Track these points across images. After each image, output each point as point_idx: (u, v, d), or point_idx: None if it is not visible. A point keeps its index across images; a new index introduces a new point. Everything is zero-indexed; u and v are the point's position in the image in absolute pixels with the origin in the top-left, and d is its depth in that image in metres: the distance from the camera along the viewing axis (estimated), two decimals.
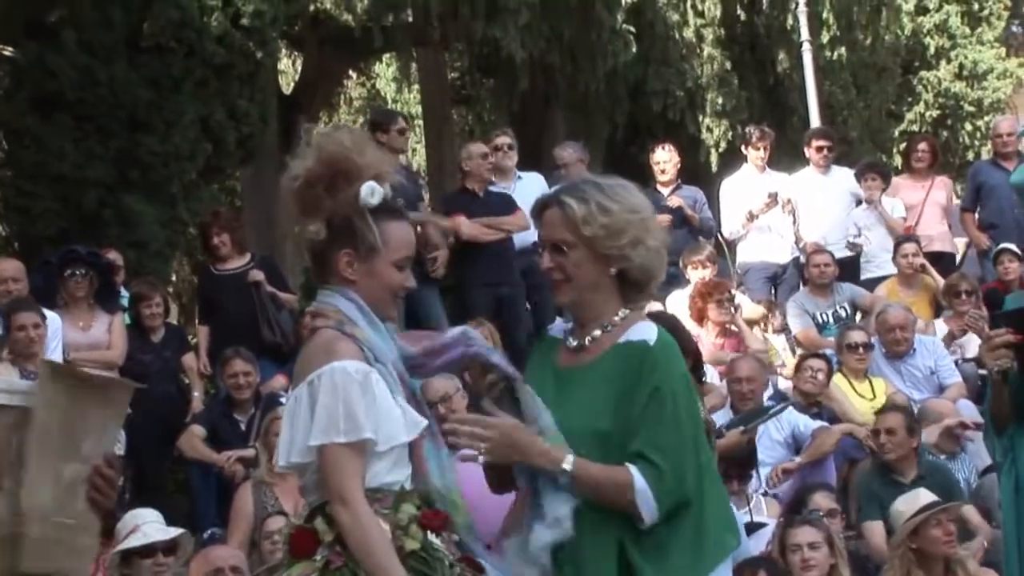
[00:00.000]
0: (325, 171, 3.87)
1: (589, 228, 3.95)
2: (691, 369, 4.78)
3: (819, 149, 12.69)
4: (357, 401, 3.70)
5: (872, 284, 11.94)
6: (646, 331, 4.01)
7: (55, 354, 9.05)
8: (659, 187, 12.32)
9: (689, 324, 10.73)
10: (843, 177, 12.71)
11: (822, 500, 7.74)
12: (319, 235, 3.89)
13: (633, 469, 3.82)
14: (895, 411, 8.58)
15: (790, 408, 9.15)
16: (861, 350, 10.08)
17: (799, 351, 11.00)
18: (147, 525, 6.55)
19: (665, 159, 12.38)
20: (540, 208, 4.09)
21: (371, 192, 3.83)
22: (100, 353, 9.65)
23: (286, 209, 4.02)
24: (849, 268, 12.18)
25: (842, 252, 12.14)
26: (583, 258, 3.98)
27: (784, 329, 11.71)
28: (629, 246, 3.98)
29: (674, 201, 12.06)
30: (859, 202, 12.45)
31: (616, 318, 4.02)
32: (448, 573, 3.75)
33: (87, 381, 3.56)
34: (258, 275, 10.46)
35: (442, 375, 8.65)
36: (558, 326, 4.31)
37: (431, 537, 3.75)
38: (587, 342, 4.03)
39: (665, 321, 5.11)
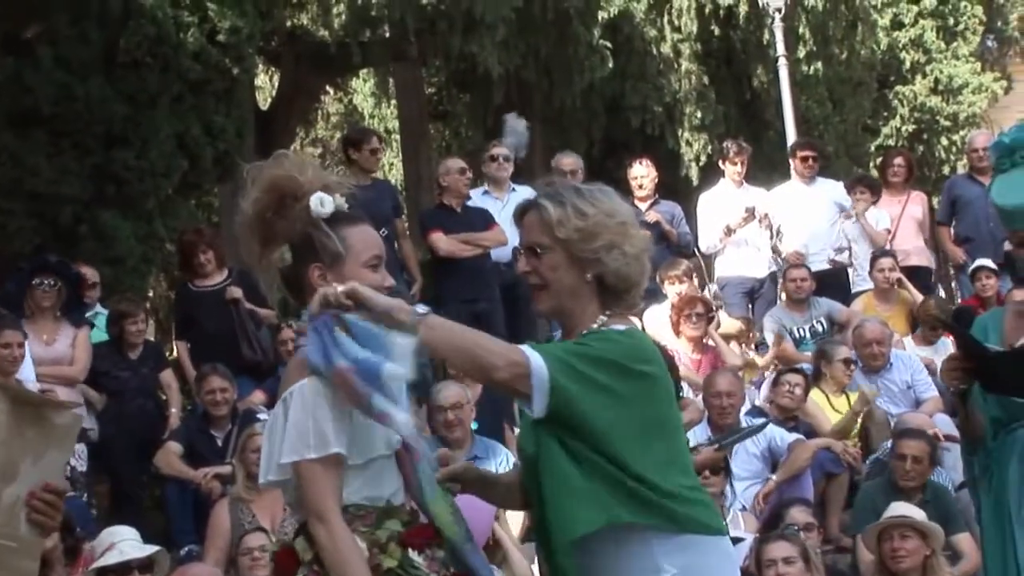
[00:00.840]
0: (271, 197, 3.87)
1: (563, 230, 3.95)
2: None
3: (804, 160, 12.76)
4: (326, 416, 3.67)
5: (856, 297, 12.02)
6: (620, 327, 4.01)
7: (26, 368, 9.01)
8: (636, 202, 12.32)
9: (668, 339, 10.78)
10: (827, 188, 12.76)
11: (798, 515, 7.76)
12: (285, 259, 3.91)
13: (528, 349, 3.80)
14: (921, 439, 8.51)
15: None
16: (848, 366, 10.09)
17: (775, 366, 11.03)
18: (123, 542, 6.53)
19: (643, 174, 12.38)
20: (520, 213, 4.10)
21: (320, 202, 3.83)
22: (61, 369, 9.57)
23: (247, 249, 3.96)
24: (833, 281, 12.24)
25: (824, 264, 12.22)
26: (559, 262, 3.97)
27: (760, 344, 11.74)
28: (604, 250, 3.96)
29: (651, 216, 12.06)
30: (844, 211, 12.47)
31: (594, 325, 3.98)
32: None
33: (29, 403, 3.54)
34: (236, 292, 10.44)
35: (456, 383, 8.68)
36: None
37: (412, 555, 3.72)
38: None
39: None
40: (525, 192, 11.61)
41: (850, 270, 12.43)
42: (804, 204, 12.53)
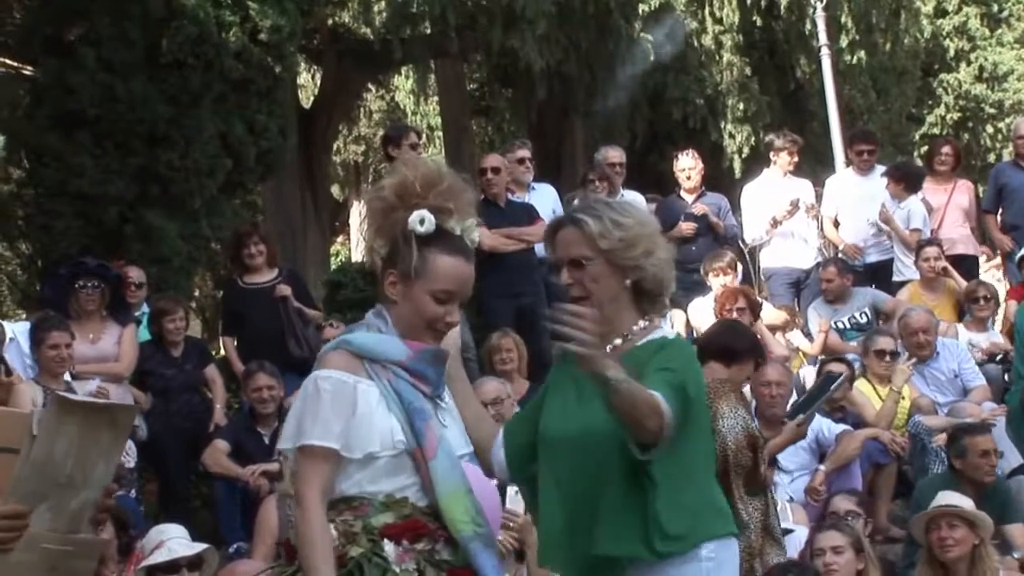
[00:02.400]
0: (391, 194, 4.00)
1: (606, 241, 4.19)
2: None
3: (859, 153, 12.80)
4: (316, 409, 3.82)
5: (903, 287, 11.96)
6: (665, 333, 4.33)
7: None
8: (683, 194, 12.32)
9: None
10: (883, 179, 12.68)
11: (841, 503, 7.72)
12: (381, 252, 4.02)
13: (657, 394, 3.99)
14: (989, 432, 8.46)
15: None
16: (888, 357, 10.03)
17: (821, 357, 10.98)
18: (172, 540, 6.56)
19: (690, 165, 12.36)
20: (553, 230, 4.31)
21: (420, 220, 3.91)
22: (107, 365, 9.60)
23: (368, 229, 4.14)
24: (885, 270, 12.21)
25: (879, 255, 12.19)
26: (601, 272, 4.19)
27: (807, 334, 11.70)
28: (643, 256, 4.24)
29: (699, 208, 12.05)
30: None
31: (635, 327, 4.25)
32: None
33: (96, 411, 3.60)
34: (286, 290, 10.50)
35: (495, 379, 8.71)
36: None
37: (385, 544, 3.79)
38: (608, 350, 4.10)
39: None
40: (544, 190, 11.68)
41: (895, 260, 12.35)
42: (859, 195, 12.49)
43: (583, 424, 4.10)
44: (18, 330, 9.31)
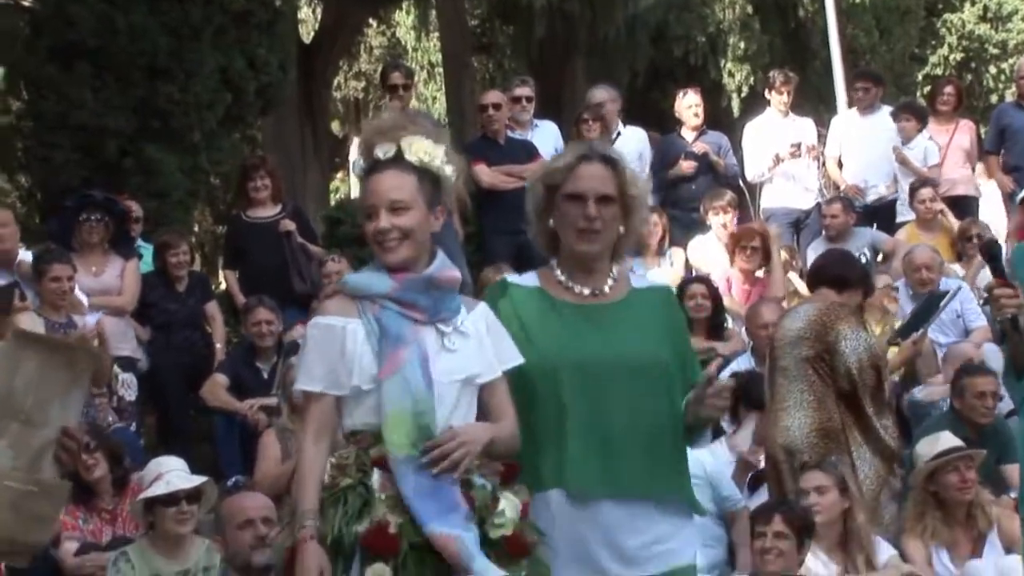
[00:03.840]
0: (363, 160, 4.17)
1: (634, 188, 4.34)
2: None
3: (859, 90, 12.83)
4: (303, 355, 4.09)
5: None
6: (657, 279, 4.76)
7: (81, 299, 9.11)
8: (684, 132, 12.29)
9: (716, 268, 10.78)
10: (887, 118, 12.66)
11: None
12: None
13: None
14: (990, 375, 8.35)
15: None
16: (891, 293, 10.10)
17: None
18: (170, 473, 6.57)
19: (696, 102, 12.34)
20: (578, 159, 4.32)
21: (354, 167, 4.19)
22: (109, 299, 9.63)
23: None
24: (885, 210, 12.25)
25: (882, 193, 12.19)
26: (616, 214, 4.29)
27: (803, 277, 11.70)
28: (646, 210, 4.57)
29: (700, 147, 12.04)
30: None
31: (615, 270, 4.38)
32: (355, 508, 3.86)
33: (56, 348, 3.63)
34: (290, 225, 10.53)
35: None
36: (515, 276, 4.50)
37: (374, 473, 3.90)
38: (606, 288, 4.33)
39: None
40: (546, 127, 11.68)
41: (897, 201, 12.34)
42: (862, 134, 12.48)
43: (611, 350, 4.21)
44: None
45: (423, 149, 4.07)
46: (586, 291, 4.30)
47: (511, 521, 3.96)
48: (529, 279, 4.39)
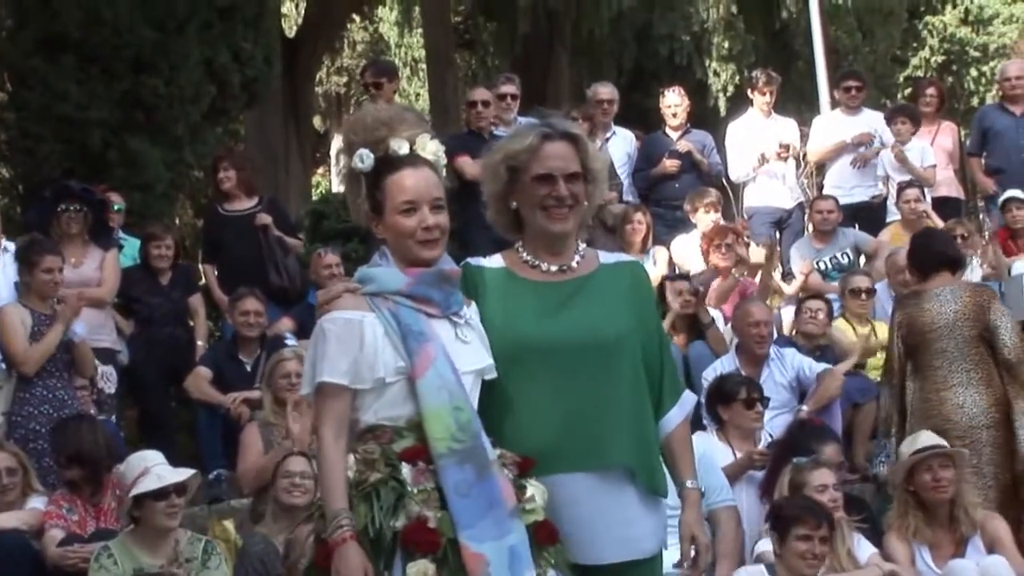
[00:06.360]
0: (348, 157, 4.19)
1: (597, 162, 4.36)
2: None
3: (847, 90, 12.80)
4: (324, 350, 3.99)
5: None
6: (622, 256, 4.66)
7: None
8: (669, 131, 12.31)
9: (696, 267, 10.79)
10: (871, 120, 12.68)
11: (834, 453, 7.66)
12: (364, 207, 4.18)
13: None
14: None
15: (794, 351, 9.16)
16: (864, 295, 10.14)
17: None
18: (156, 467, 6.55)
19: (676, 102, 12.35)
20: (540, 139, 4.31)
21: (359, 159, 4.10)
22: (88, 290, 9.45)
23: (348, 190, 4.30)
24: (870, 213, 12.27)
25: (865, 196, 12.21)
26: (583, 190, 4.31)
27: (787, 274, 11.72)
28: (607, 182, 4.55)
29: (683, 146, 12.05)
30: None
31: (582, 247, 4.39)
32: (389, 502, 3.85)
33: None
34: (266, 219, 10.49)
35: None
36: (479, 259, 4.46)
37: (403, 467, 3.90)
38: (574, 264, 4.34)
39: None
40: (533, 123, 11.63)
41: (888, 202, 12.36)
42: (845, 135, 12.50)
43: (584, 330, 4.20)
44: None
45: (433, 149, 4.16)
46: (553, 268, 4.31)
47: (541, 508, 3.99)
48: (494, 261, 4.40)
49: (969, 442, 7.39)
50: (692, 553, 4.24)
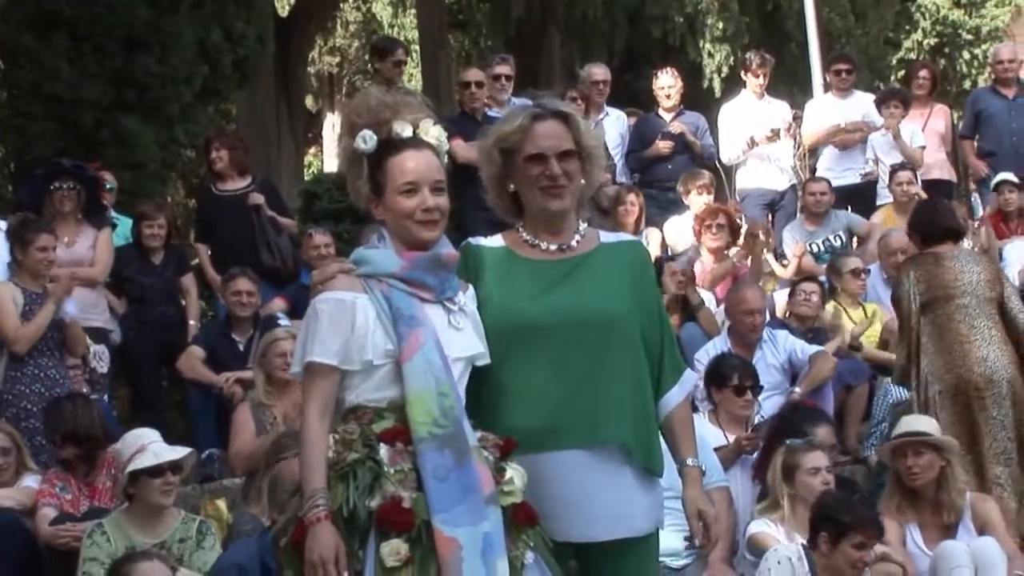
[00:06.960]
0: (348, 138, 4.18)
1: (591, 139, 4.38)
2: None
3: (838, 73, 12.78)
4: (316, 329, 4.01)
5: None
6: (624, 235, 4.72)
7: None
8: (662, 112, 12.30)
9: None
10: (862, 102, 12.67)
11: (827, 435, 7.66)
12: (364, 189, 4.19)
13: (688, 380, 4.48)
14: None
15: (786, 333, 9.16)
16: (858, 276, 10.14)
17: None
18: (152, 444, 6.55)
19: (669, 84, 12.34)
20: (531, 119, 4.34)
21: (362, 140, 4.11)
22: (81, 270, 9.38)
23: (348, 171, 4.29)
24: (862, 195, 12.25)
25: (856, 178, 12.21)
26: (577, 167, 4.32)
27: (780, 256, 11.72)
28: (604, 159, 4.62)
29: (676, 127, 12.04)
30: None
31: (583, 227, 4.40)
32: (365, 482, 3.87)
33: None
34: (258, 198, 10.48)
35: None
36: (480, 239, 4.47)
37: (381, 448, 3.92)
38: (574, 243, 4.34)
39: None
40: (524, 105, 11.60)
41: (878, 185, 12.36)
42: (837, 118, 12.49)
43: (576, 303, 4.22)
44: None
45: (436, 134, 4.19)
46: (552, 247, 4.32)
47: (519, 490, 4.00)
48: (495, 240, 4.41)
49: (992, 393, 7.67)
50: (701, 528, 4.26)
